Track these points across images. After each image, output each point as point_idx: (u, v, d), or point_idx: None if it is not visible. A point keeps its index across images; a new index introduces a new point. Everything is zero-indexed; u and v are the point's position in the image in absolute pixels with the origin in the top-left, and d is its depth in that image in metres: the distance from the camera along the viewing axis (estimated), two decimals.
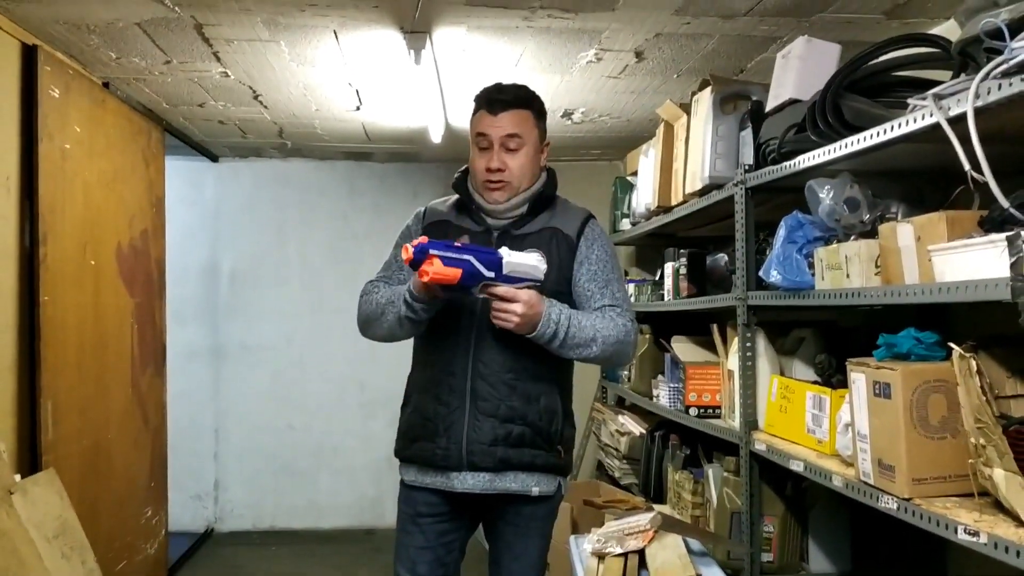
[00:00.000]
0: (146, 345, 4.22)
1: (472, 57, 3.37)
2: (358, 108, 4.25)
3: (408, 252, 1.94)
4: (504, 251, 2.05)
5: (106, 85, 3.75)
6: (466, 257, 1.98)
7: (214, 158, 5.64)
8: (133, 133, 4.07)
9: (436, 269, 1.93)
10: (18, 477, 2.70)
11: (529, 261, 2.08)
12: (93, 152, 3.58)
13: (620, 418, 4.50)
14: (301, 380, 5.77)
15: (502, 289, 2.04)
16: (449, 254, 1.96)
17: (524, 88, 2.30)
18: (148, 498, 4.24)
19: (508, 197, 2.24)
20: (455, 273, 1.96)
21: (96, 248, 3.60)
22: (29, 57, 3.08)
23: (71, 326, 3.33)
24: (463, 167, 2.37)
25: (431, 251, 1.94)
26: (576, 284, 2.25)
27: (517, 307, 2.04)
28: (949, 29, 2.76)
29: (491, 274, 2.01)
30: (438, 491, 2.25)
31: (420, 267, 1.94)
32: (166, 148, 4.56)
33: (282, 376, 5.77)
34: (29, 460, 3.03)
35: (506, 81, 2.33)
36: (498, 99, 2.24)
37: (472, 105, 2.33)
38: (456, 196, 2.37)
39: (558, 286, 2.23)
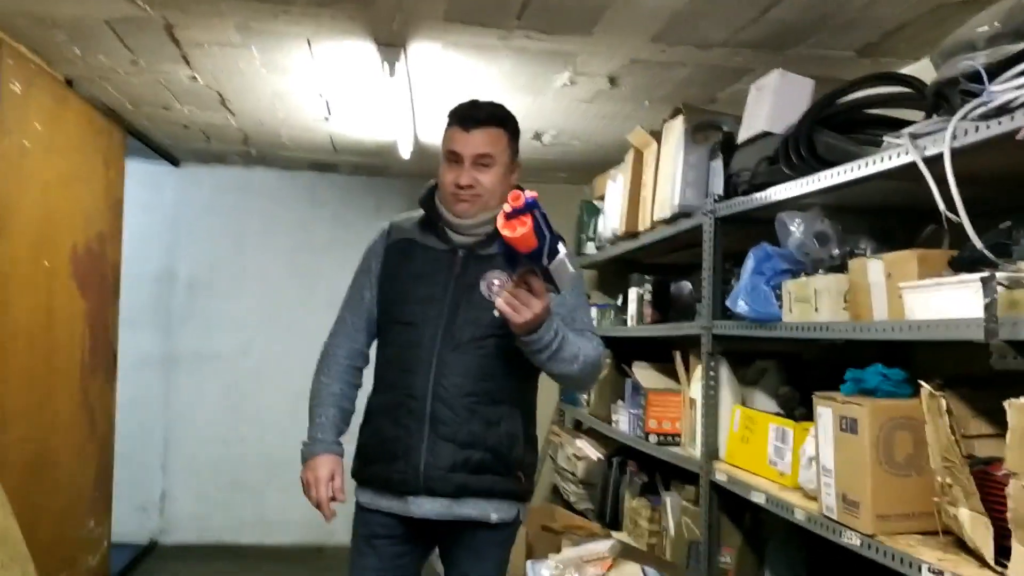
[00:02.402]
0: (97, 351, 4.11)
1: (446, 73, 3.36)
2: (326, 118, 4.21)
3: (520, 200, 1.77)
4: (563, 247, 1.91)
5: (69, 83, 3.67)
6: (547, 235, 1.83)
7: (175, 162, 5.55)
8: (94, 133, 3.98)
9: (525, 233, 1.78)
10: None
11: (570, 270, 1.96)
12: (52, 151, 3.49)
13: (578, 442, 4.48)
14: (255, 392, 5.67)
15: (539, 284, 1.92)
16: (542, 223, 1.81)
17: (499, 107, 2.27)
18: (91, 508, 4.11)
19: (476, 212, 2.20)
20: (532, 244, 1.82)
21: (50, 249, 3.51)
22: None
23: (21, 328, 3.23)
24: (431, 182, 2.34)
25: (535, 212, 1.79)
26: None
27: (538, 305, 1.93)
28: (916, 70, 2.81)
29: (547, 262, 1.88)
30: (394, 514, 2.21)
31: (515, 218, 1.79)
32: (126, 150, 4.47)
33: (236, 387, 5.66)
34: None
35: (479, 99, 2.31)
36: (472, 116, 2.21)
37: (445, 120, 2.29)
38: (421, 212, 2.32)
39: None
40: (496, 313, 1.98)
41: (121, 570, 4.77)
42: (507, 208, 1.79)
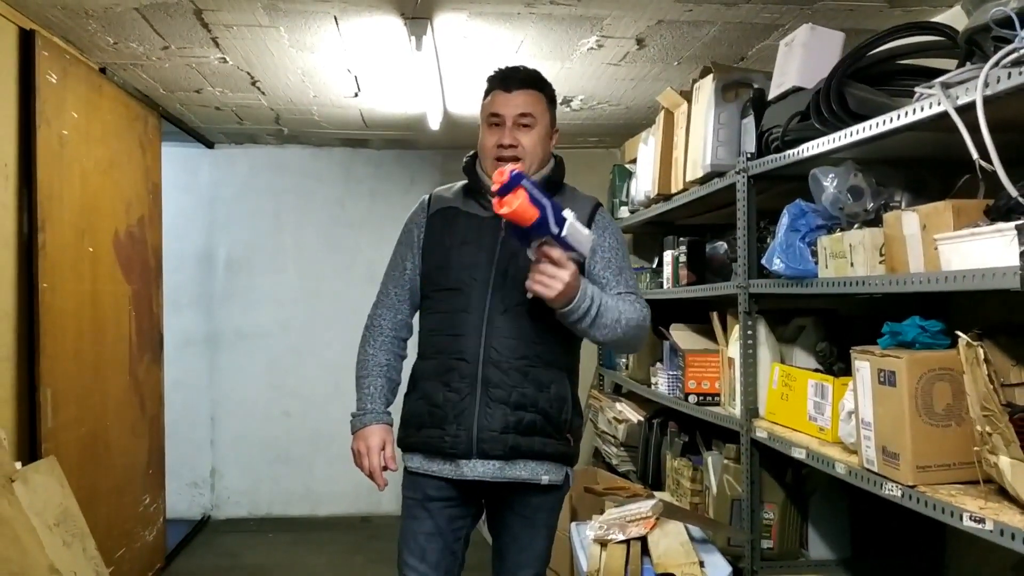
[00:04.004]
0: (143, 333, 4.20)
1: (472, 44, 3.36)
2: (356, 95, 4.24)
3: (504, 175, 1.80)
4: (568, 212, 1.92)
5: (103, 71, 3.73)
6: (545, 202, 1.85)
7: (210, 144, 5.62)
8: (130, 119, 4.05)
9: (520, 204, 1.80)
10: (19, 465, 2.69)
11: (584, 232, 1.97)
12: (90, 138, 3.56)
13: (617, 405, 4.51)
14: (297, 367, 5.77)
15: (558, 253, 1.94)
16: (535, 192, 1.82)
17: (537, 72, 2.29)
18: (146, 485, 4.24)
19: None
20: (533, 213, 1.83)
21: (94, 235, 3.59)
22: (27, 42, 3.06)
23: (69, 313, 3.32)
24: (471, 152, 2.36)
25: (523, 182, 1.80)
26: (590, 273, 2.21)
27: (565, 274, 1.95)
28: (949, 17, 2.76)
29: (557, 230, 1.88)
30: (445, 478, 2.22)
31: (505, 195, 1.80)
32: (162, 134, 4.54)
33: (278, 363, 5.77)
34: (29, 448, 3.02)
35: (502, 64, 2.33)
36: (513, 77, 2.24)
37: (480, 88, 2.32)
38: (462, 182, 2.34)
39: None
40: (529, 295, 2.00)
41: (177, 545, 4.91)
42: (495, 187, 1.80)
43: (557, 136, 2.35)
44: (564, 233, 1.90)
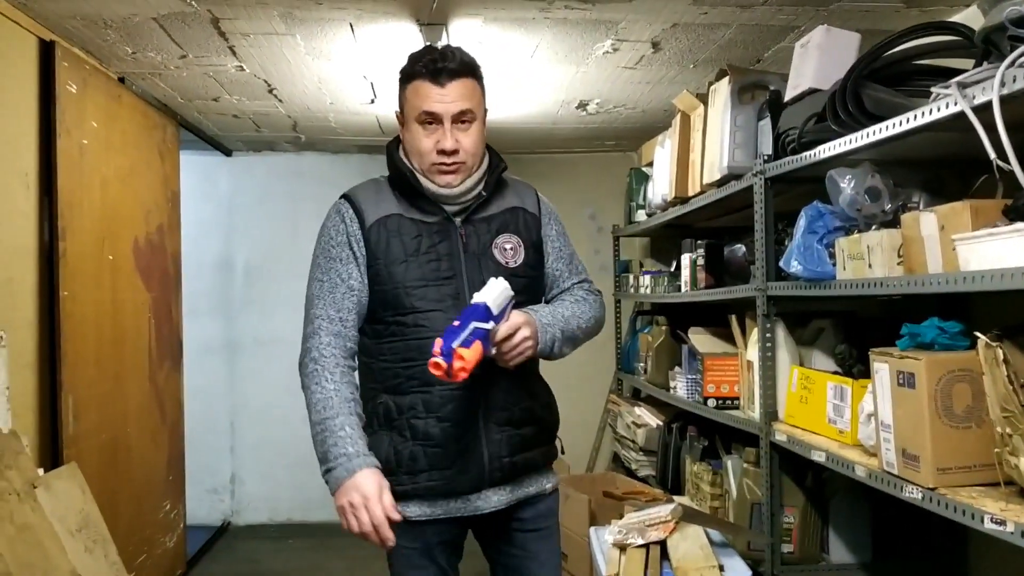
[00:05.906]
0: (163, 340, 4.24)
1: (488, 49, 3.36)
2: (372, 101, 4.26)
3: (441, 367, 1.67)
4: (479, 296, 1.79)
5: (122, 80, 3.76)
6: (472, 326, 1.73)
7: (228, 152, 5.66)
8: (149, 128, 4.09)
9: (469, 360, 1.68)
10: (41, 471, 2.71)
11: (499, 288, 1.83)
12: (110, 147, 3.60)
13: (636, 410, 4.50)
14: None
15: (504, 329, 1.81)
16: (464, 336, 1.71)
17: (465, 53, 1.99)
18: (166, 492, 4.26)
19: (462, 179, 1.98)
20: (479, 350, 1.72)
21: (113, 243, 3.62)
22: (47, 53, 3.09)
23: (90, 321, 3.35)
24: (394, 139, 2.10)
25: (455, 347, 1.68)
26: (546, 265, 2.11)
27: (525, 331, 1.84)
28: (968, 17, 2.74)
29: (490, 325, 1.77)
30: (452, 517, 2.01)
31: (455, 372, 1.68)
32: (180, 143, 4.58)
33: (296, 369, 5.76)
34: (51, 454, 3.05)
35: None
36: (445, 68, 1.91)
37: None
38: (377, 180, 2.11)
39: (534, 269, 2.07)
40: (512, 366, 1.89)
41: (197, 551, 4.93)
42: (439, 373, 1.69)
43: (486, 115, 2.07)
44: (496, 315, 1.80)
